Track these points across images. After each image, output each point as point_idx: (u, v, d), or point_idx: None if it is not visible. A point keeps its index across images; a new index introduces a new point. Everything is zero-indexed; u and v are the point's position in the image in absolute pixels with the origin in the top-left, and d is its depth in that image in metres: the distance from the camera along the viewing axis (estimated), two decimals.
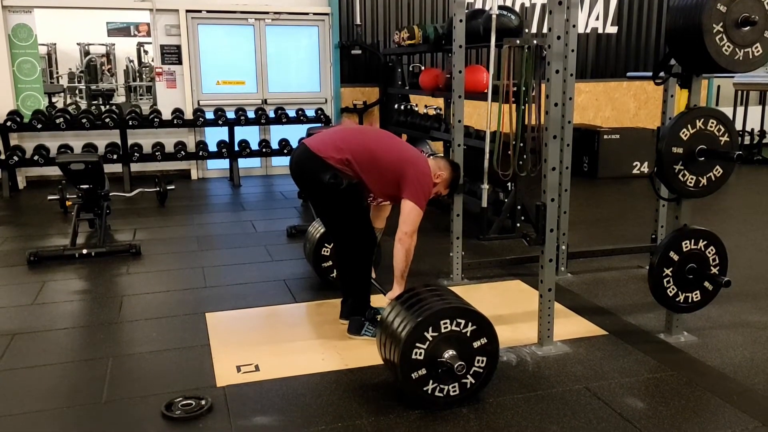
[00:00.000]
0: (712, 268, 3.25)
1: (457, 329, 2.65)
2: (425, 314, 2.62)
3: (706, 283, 3.27)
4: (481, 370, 2.71)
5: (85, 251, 4.86)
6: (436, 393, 2.66)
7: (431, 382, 2.64)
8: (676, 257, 3.18)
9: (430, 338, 2.61)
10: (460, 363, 2.61)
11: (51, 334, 3.53)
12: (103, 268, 4.66)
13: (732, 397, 2.79)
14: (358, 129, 3.35)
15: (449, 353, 2.63)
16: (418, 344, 2.60)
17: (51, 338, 3.48)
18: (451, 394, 2.68)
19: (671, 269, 3.19)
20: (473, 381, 2.70)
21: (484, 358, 2.71)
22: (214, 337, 3.43)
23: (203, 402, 2.72)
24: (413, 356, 2.60)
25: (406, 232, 3.20)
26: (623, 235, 5.43)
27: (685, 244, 3.19)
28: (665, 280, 3.20)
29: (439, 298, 2.75)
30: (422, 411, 2.67)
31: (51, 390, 2.91)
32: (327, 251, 4.07)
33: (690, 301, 3.28)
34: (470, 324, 2.67)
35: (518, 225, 5.38)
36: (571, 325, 3.56)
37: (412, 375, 2.61)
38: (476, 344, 2.68)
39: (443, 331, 2.62)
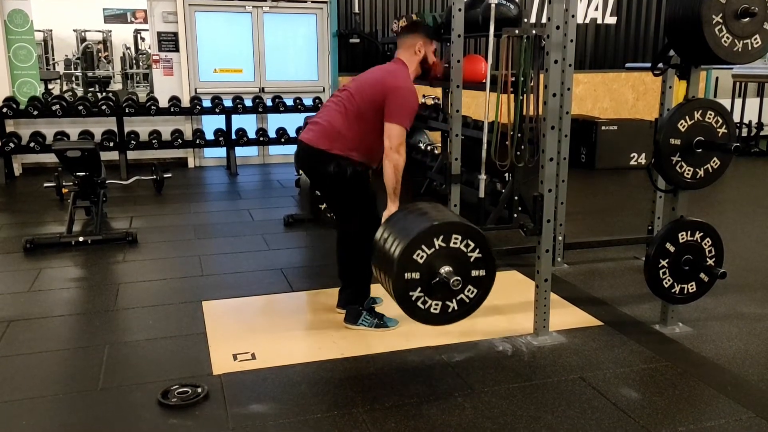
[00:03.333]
0: (708, 259, 3.25)
1: (464, 249, 2.62)
2: (443, 221, 2.61)
3: (702, 275, 3.28)
4: (468, 300, 2.70)
5: (81, 239, 4.85)
6: (419, 303, 2.63)
7: (419, 289, 2.62)
8: (672, 248, 3.19)
9: (437, 246, 2.58)
10: (456, 278, 2.59)
11: (47, 321, 3.53)
12: (99, 256, 4.65)
13: (726, 387, 2.81)
14: (334, 99, 3.35)
15: (447, 269, 2.61)
16: (423, 246, 2.57)
17: (47, 325, 3.48)
18: (432, 310, 2.66)
19: (667, 260, 3.20)
20: (456, 308, 2.69)
21: (475, 290, 2.69)
22: (211, 326, 3.44)
23: (199, 390, 2.72)
24: (414, 256, 2.56)
25: (390, 147, 3.14)
26: (620, 226, 5.44)
27: (682, 235, 3.19)
28: (661, 271, 3.21)
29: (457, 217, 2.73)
30: (418, 400, 2.68)
31: (47, 377, 2.91)
32: None
33: (685, 292, 3.29)
34: (476, 251, 2.65)
35: (515, 216, 5.38)
36: (566, 316, 3.57)
37: (406, 275, 2.58)
38: (474, 273, 2.67)
39: (451, 245, 2.60)
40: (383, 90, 3.19)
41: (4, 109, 7.27)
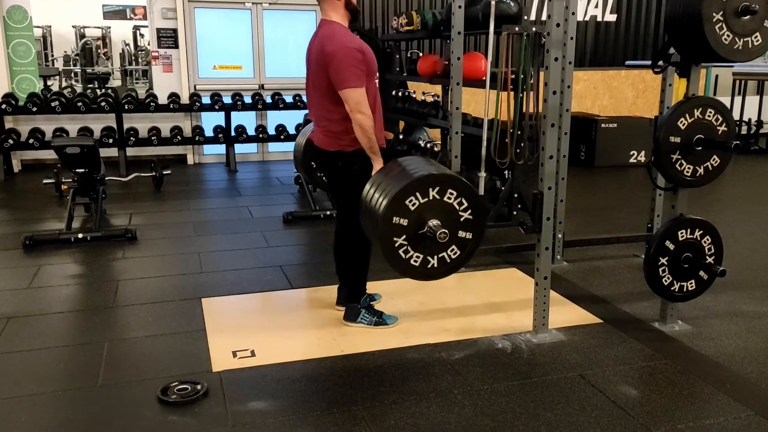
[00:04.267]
0: (707, 257, 3.25)
1: (457, 207, 2.62)
2: (443, 172, 2.61)
3: (702, 273, 3.28)
4: (449, 260, 2.69)
5: (80, 235, 4.85)
6: (400, 251, 2.61)
7: (404, 237, 2.59)
8: (671, 246, 3.19)
9: (431, 197, 2.57)
10: (443, 230, 2.56)
11: (46, 318, 3.53)
12: (98, 253, 4.65)
13: (725, 385, 2.81)
14: (310, 100, 3.34)
15: (435, 222, 2.59)
16: (418, 194, 2.55)
17: (46, 322, 3.47)
18: (412, 262, 2.64)
19: (667, 258, 3.20)
20: (435, 265, 2.69)
21: (458, 251, 2.70)
22: (210, 323, 3.44)
23: (199, 387, 2.72)
24: (406, 201, 2.55)
25: (351, 111, 3.09)
26: (619, 224, 5.45)
27: (681, 233, 3.19)
28: (661, 269, 3.21)
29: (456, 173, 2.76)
30: (417, 397, 2.68)
31: (47, 374, 2.91)
32: None
33: (685, 290, 3.29)
34: (468, 211, 2.64)
35: (515, 213, 5.38)
36: (566, 313, 3.58)
37: (394, 218, 2.56)
38: (462, 234, 2.66)
39: (445, 199, 2.59)
40: (323, 67, 3.13)
41: (3, 106, 7.26)
